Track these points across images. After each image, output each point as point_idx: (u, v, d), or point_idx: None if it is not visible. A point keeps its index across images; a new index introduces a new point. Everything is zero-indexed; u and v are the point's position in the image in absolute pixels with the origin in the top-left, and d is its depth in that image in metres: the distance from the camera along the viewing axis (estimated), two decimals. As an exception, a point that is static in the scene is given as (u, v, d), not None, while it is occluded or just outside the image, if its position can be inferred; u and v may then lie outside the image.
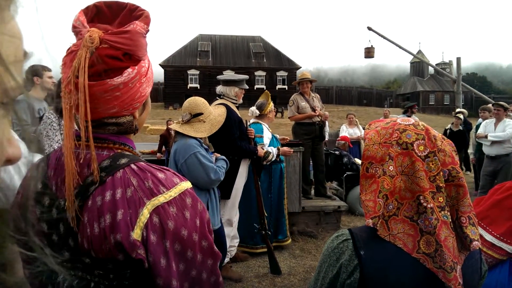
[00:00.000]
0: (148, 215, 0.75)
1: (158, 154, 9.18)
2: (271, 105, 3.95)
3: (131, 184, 0.77)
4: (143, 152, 9.80)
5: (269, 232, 3.59)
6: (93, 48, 0.75)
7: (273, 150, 3.61)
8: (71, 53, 0.78)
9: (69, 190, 0.75)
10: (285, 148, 3.77)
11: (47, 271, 0.82)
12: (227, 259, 3.42)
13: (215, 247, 0.87)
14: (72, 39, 0.82)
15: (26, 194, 0.84)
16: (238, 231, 3.78)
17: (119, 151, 0.84)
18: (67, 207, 0.75)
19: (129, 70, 0.80)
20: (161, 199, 0.77)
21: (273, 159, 3.56)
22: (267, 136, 3.82)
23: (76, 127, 0.81)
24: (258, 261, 3.87)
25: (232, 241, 3.57)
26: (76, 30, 0.79)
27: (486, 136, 5.59)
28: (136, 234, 0.74)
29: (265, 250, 3.68)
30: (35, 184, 0.83)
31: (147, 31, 0.83)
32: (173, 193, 0.80)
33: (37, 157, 1.11)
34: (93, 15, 0.83)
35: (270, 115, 3.96)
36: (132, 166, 0.80)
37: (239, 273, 3.56)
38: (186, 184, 0.85)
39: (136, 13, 0.82)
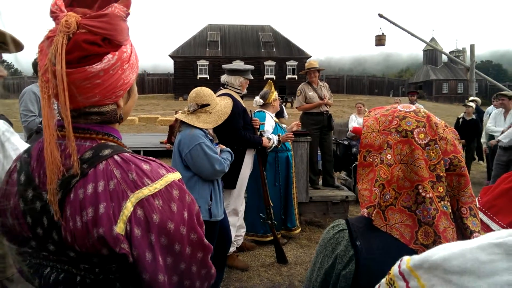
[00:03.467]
0: (132, 208, 0.73)
1: (168, 145, 9.27)
2: (275, 94, 3.96)
3: (114, 176, 0.74)
4: (161, 141, 10.24)
5: (275, 222, 3.59)
6: (70, 33, 0.72)
7: (274, 137, 3.58)
8: (48, 39, 0.74)
9: (51, 183, 0.72)
10: (286, 135, 3.72)
11: (34, 264, 0.81)
12: (233, 249, 3.44)
13: (205, 240, 0.85)
14: (51, 25, 0.78)
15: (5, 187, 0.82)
16: (248, 220, 3.79)
17: (102, 141, 0.80)
18: (49, 201, 0.73)
19: (109, 56, 0.76)
20: (145, 191, 0.75)
21: (273, 145, 3.53)
22: (269, 124, 3.81)
23: (58, 117, 0.78)
24: (264, 250, 3.89)
25: (239, 230, 3.58)
26: (54, 15, 0.75)
27: (498, 142, 5.43)
28: (119, 228, 0.72)
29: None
30: (17, 176, 0.80)
31: (128, 14, 0.78)
32: (158, 185, 0.77)
33: None
34: None
35: (274, 103, 3.96)
36: (116, 157, 0.77)
37: (246, 262, 3.58)
38: (174, 176, 0.81)
39: None
